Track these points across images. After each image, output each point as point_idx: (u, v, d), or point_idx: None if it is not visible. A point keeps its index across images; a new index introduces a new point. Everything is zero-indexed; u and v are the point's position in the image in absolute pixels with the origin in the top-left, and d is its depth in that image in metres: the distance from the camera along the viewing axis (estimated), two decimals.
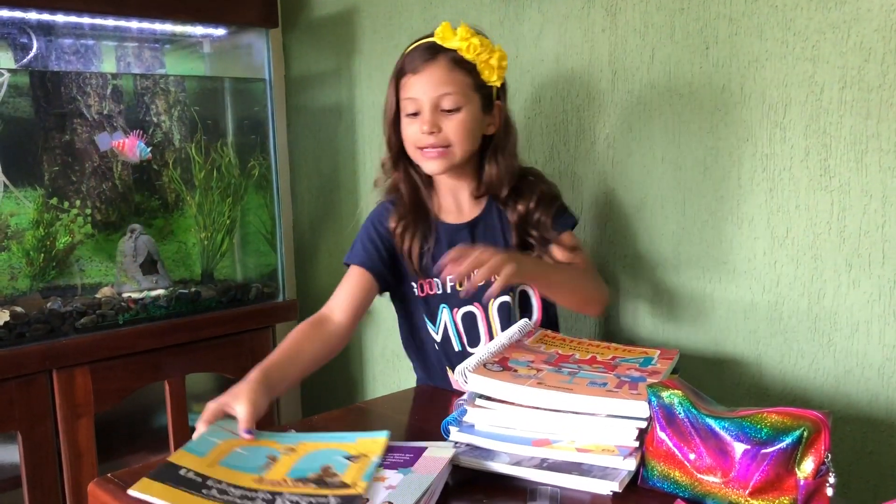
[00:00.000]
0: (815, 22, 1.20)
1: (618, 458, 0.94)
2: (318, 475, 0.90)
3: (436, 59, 1.23)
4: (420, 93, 1.23)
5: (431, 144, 1.24)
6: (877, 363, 1.19)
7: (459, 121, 1.24)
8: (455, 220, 1.34)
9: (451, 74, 1.22)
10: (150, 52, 2.00)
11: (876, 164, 1.16)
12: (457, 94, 1.22)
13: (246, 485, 0.88)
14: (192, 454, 0.93)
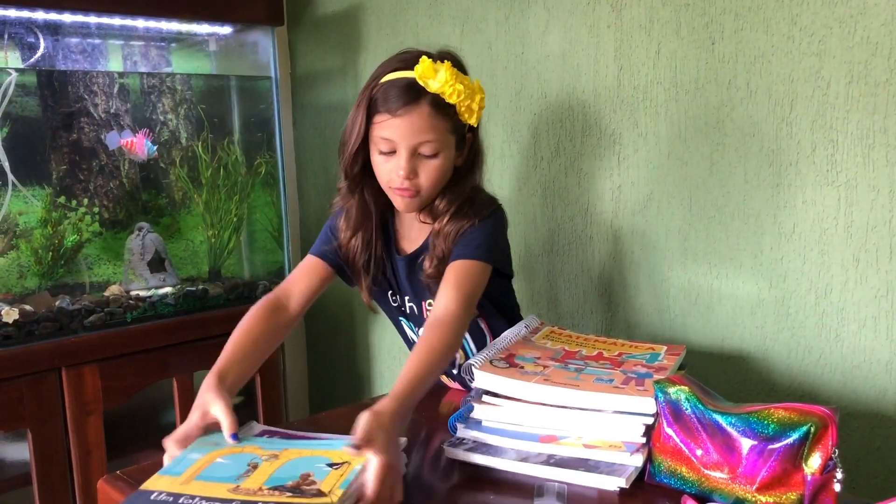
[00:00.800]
0: (821, 17, 1.19)
1: (625, 455, 0.94)
2: (296, 483, 0.87)
3: (417, 104, 1.15)
4: (398, 136, 1.16)
5: (405, 188, 1.19)
6: (884, 358, 1.19)
7: (435, 167, 1.19)
8: (408, 250, 1.30)
9: (432, 121, 1.16)
10: (157, 51, 2.00)
11: (883, 158, 1.15)
12: (436, 140, 1.17)
13: (220, 495, 0.84)
14: (167, 476, 0.89)
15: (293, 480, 0.87)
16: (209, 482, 0.88)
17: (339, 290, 1.52)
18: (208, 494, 0.85)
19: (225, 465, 0.93)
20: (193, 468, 0.92)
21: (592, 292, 1.56)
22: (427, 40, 1.83)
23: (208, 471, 0.91)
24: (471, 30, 1.73)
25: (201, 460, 0.94)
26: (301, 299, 1.29)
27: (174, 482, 0.88)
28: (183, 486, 0.87)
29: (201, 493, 0.85)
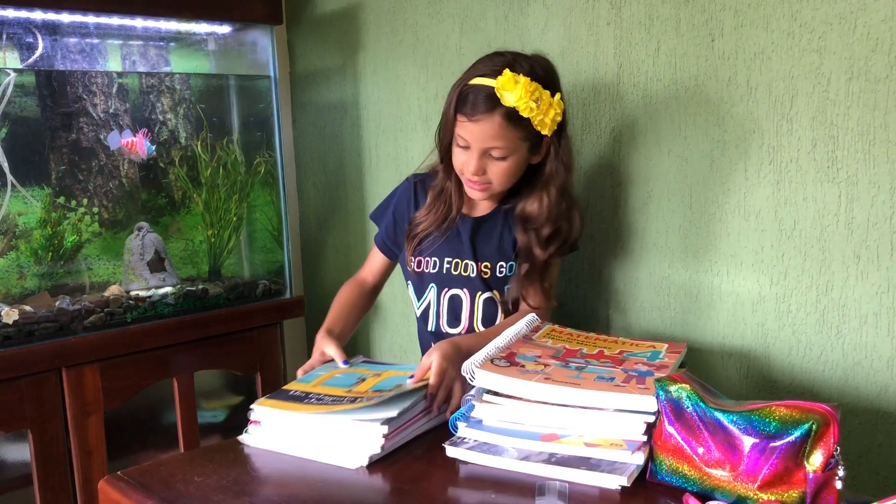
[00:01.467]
0: (821, 13, 1.19)
1: (626, 453, 0.94)
2: (392, 390, 1.13)
3: (491, 114, 1.25)
4: (471, 139, 1.28)
5: (474, 181, 1.32)
6: (886, 355, 1.19)
7: (504, 168, 1.30)
8: (477, 214, 1.41)
9: (504, 130, 1.26)
10: (156, 51, 2.00)
11: (884, 155, 1.15)
12: (505, 147, 1.27)
13: (338, 394, 1.13)
14: (300, 383, 1.20)
15: (389, 389, 1.13)
16: (331, 386, 1.17)
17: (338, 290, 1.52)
18: (330, 393, 1.13)
19: (341, 378, 1.21)
20: (319, 379, 1.21)
21: (593, 290, 1.56)
22: (426, 39, 1.83)
23: (329, 381, 1.20)
24: (470, 28, 1.73)
25: (323, 375, 1.23)
26: (374, 278, 1.54)
27: (305, 386, 1.18)
28: (312, 388, 1.17)
29: (325, 392, 1.14)
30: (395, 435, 1.06)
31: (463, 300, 1.40)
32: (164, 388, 1.81)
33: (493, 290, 1.38)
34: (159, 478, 1.02)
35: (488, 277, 1.38)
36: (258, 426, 1.12)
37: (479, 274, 1.38)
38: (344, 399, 1.10)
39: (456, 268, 1.40)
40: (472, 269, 1.38)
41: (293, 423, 1.09)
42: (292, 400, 1.12)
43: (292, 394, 1.14)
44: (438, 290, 1.41)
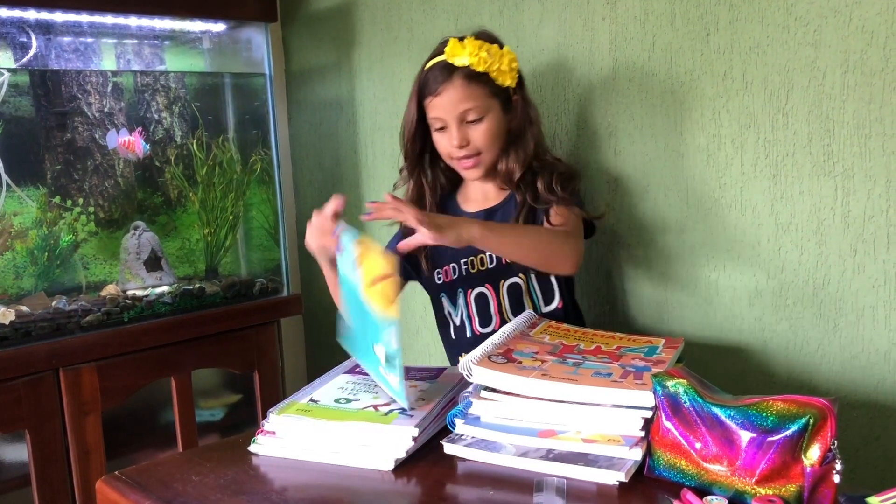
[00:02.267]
0: (816, 6, 1.19)
1: (623, 448, 0.94)
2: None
3: (451, 79, 1.29)
4: (443, 112, 1.31)
5: (464, 155, 1.33)
6: (883, 348, 1.19)
7: (484, 130, 1.31)
8: (474, 209, 1.41)
9: (468, 90, 1.29)
10: (150, 49, 2.00)
11: (880, 148, 1.15)
12: (477, 106, 1.30)
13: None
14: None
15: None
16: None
17: None
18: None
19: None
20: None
21: (590, 286, 1.56)
22: (421, 35, 1.83)
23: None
24: (465, 24, 1.72)
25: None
26: None
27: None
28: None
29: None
30: (420, 438, 1.05)
31: (488, 296, 1.38)
32: (161, 388, 1.81)
33: (520, 274, 1.36)
34: (157, 477, 1.02)
35: (509, 264, 1.35)
36: (272, 437, 1.08)
37: (503, 261, 1.36)
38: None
39: (473, 265, 1.38)
40: (491, 259, 1.36)
41: (316, 431, 1.06)
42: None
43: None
44: (465, 294, 1.40)
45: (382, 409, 1.09)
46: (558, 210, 1.32)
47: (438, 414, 1.10)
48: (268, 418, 1.09)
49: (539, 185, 1.33)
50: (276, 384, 1.99)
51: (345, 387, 1.19)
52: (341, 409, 1.09)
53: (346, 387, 1.19)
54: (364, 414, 1.07)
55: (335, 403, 1.12)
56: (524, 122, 1.35)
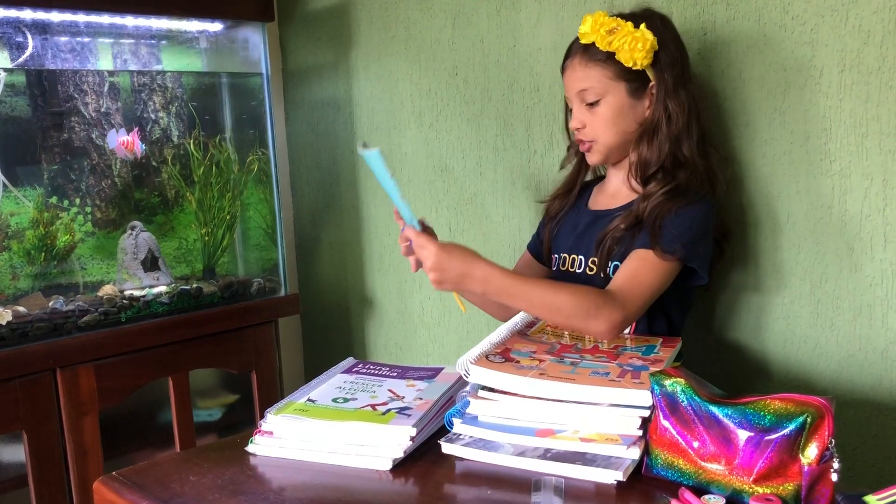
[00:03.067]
0: (813, 5, 1.19)
1: (621, 448, 0.94)
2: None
3: (572, 57, 1.25)
4: (567, 91, 1.27)
5: (580, 139, 1.27)
6: (880, 347, 1.19)
7: (600, 114, 1.23)
8: (596, 206, 1.33)
9: (585, 70, 1.22)
10: (147, 49, 1.99)
11: (876, 147, 1.15)
12: (593, 87, 1.22)
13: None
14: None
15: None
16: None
17: (334, 287, 1.52)
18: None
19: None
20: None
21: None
22: (419, 34, 1.83)
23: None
24: (462, 23, 1.72)
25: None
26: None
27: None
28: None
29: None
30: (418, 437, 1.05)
31: None
32: (159, 388, 1.81)
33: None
34: (155, 477, 1.02)
35: (592, 275, 1.25)
36: (270, 437, 1.08)
37: (585, 270, 1.28)
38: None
39: (564, 263, 1.32)
40: (580, 265, 1.29)
41: (314, 431, 1.06)
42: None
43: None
44: None
45: (380, 408, 1.09)
46: (636, 255, 1.16)
47: (436, 413, 1.10)
48: (265, 418, 1.09)
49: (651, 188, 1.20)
50: (274, 384, 1.99)
51: (342, 386, 1.19)
52: (339, 408, 1.09)
53: (343, 386, 1.19)
54: (362, 413, 1.07)
55: (333, 403, 1.12)
56: (658, 113, 1.21)
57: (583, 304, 1.11)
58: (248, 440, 1.09)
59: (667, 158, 1.21)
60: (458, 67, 1.75)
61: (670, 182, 1.19)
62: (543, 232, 1.41)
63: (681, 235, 1.15)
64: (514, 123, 1.66)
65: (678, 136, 1.21)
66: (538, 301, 1.13)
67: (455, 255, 1.12)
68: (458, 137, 1.79)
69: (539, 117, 1.60)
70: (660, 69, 1.21)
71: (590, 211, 1.33)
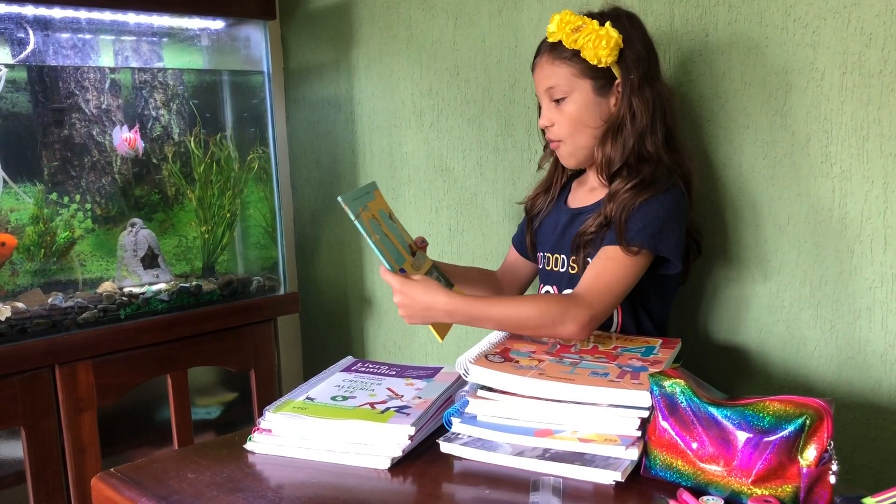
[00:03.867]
0: (815, 7, 1.19)
1: (620, 448, 0.94)
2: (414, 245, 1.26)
3: (540, 55, 1.26)
4: (537, 89, 1.28)
5: (549, 138, 1.29)
6: (879, 350, 1.19)
7: (565, 112, 1.24)
8: (575, 204, 1.34)
9: (552, 67, 1.23)
10: (148, 46, 1.99)
11: (877, 150, 1.15)
12: (559, 85, 1.23)
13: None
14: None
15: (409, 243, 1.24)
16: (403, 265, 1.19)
17: (333, 286, 1.52)
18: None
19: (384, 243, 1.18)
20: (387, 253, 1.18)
21: None
22: (420, 34, 1.83)
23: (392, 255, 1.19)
24: (464, 23, 1.72)
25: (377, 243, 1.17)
26: (501, 272, 1.49)
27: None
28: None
29: None
30: (417, 436, 1.05)
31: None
32: (157, 385, 1.81)
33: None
34: (152, 474, 1.02)
35: (575, 273, 1.26)
36: (268, 434, 1.08)
37: (567, 269, 1.29)
38: None
39: (549, 262, 1.34)
40: (563, 264, 1.30)
41: (313, 429, 1.06)
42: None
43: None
44: (541, 285, 1.37)
45: (379, 407, 1.09)
46: (602, 253, 1.18)
47: (435, 413, 1.10)
48: (264, 416, 1.09)
49: (615, 186, 1.20)
50: (273, 382, 1.99)
51: (341, 385, 1.19)
52: (338, 406, 1.09)
53: (342, 385, 1.19)
54: (360, 412, 1.07)
55: (332, 401, 1.12)
56: (622, 110, 1.21)
57: (547, 313, 1.12)
58: (247, 438, 1.09)
59: (630, 154, 1.21)
60: (459, 67, 1.75)
61: (635, 177, 1.20)
62: (526, 230, 1.42)
63: (646, 227, 1.16)
64: (515, 124, 1.66)
65: (642, 132, 1.21)
66: (503, 319, 1.15)
67: (416, 290, 1.14)
68: (459, 137, 1.79)
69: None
70: (625, 67, 1.21)
71: (568, 209, 1.34)
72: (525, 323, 1.13)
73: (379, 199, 1.23)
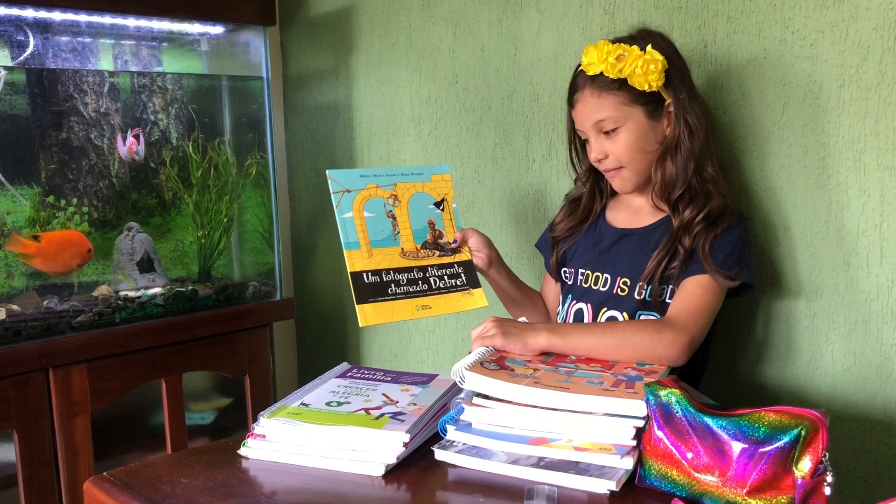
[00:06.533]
0: (813, 20, 1.20)
1: (615, 457, 0.94)
2: (433, 236, 1.30)
3: (582, 89, 1.23)
4: (580, 124, 1.26)
5: (605, 168, 1.26)
6: (875, 362, 1.19)
7: (621, 142, 1.22)
8: (619, 224, 1.32)
9: (599, 100, 1.21)
10: (148, 50, 1.99)
11: (874, 162, 1.15)
12: (611, 117, 1.21)
13: (400, 265, 1.26)
14: (353, 251, 1.24)
15: (430, 234, 1.30)
16: (382, 248, 1.26)
17: (329, 292, 1.51)
18: (394, 266, 1.26)
19: (375, 222, 1.27)
20: (360, 230, 1.25)
21: None
22: (420, 42, 1.83)
23: (371, 233, 1.26)
24: (463, 31, 1.73)
25: (355, 218, 1.26)
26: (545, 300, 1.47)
27: (363, 255, 1.24)
28: (370, 258, 1.24)
29: (389, 265, 1.25)
30: (411, 443, 1.04)
31: (584, 315, 1.30)
32: (152, 390, 1.80)
33: (624, 312, 1.25)
34: (145, 479, 1.02)
35: (624, 295, 1.25)
36: (262, 440, 1.07)
37: (615, 290, 1.26)
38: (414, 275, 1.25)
39: (587, 280, 1.31)
40: (606, 283, 1.28)
41: (307, 435, 1.05)
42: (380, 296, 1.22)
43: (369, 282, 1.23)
44: (569, 302, 1.34)
45: (374, 412, 1.08)
46: (691, 282, 1.18)
47: (430, 420, 1.10)
48: (258, 421, 1.08)
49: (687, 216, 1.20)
50: (267, 388, 1.98)
51: (336, 390, 1.18)
52: (332, 412, 1.09)
53: (337, 391, 1.18)
54: (355, 418, 1.07)
55: (326, 407, 1.11)
56: (679, 129, 1.21)
57: (648, 340, 1.13)
58: (241, 443, 1.08)
59: (692, 177, 1.21)
60: (458, 75, 1.76)
61: (702, 208, 1.20)
62: (551, 251, 1.40)
63: (730, 256, 1.18)
64: (514, 132, 1.66)
65: (701, 150, 1.21)
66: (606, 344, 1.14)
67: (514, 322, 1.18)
68: (457, 145, 1.79)
69: (538, 126, 1.61)
70: (673, 87, 1.21)
71: (612, 228, 1.32)
72: (635, 348, 1.13)
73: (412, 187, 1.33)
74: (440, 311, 1.27)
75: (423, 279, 1.27)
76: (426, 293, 1.27)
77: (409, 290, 1.25)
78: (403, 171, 1.34)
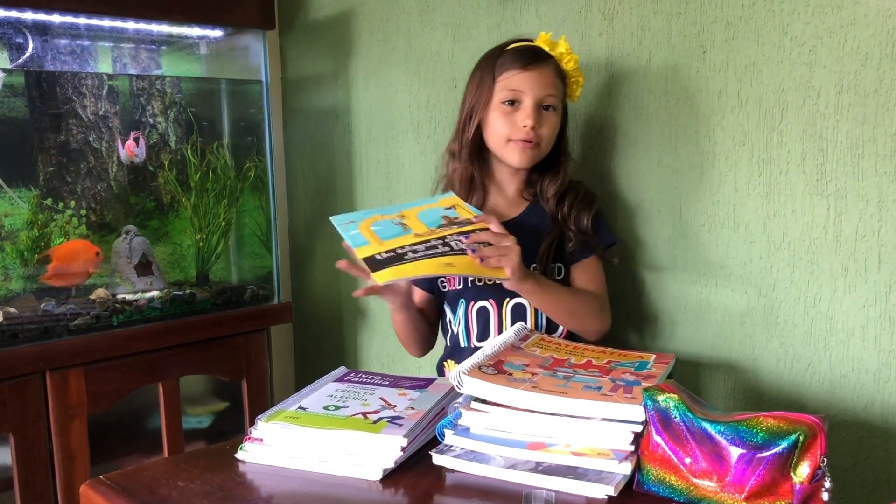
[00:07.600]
0: (811, 27, 1.20)
1: (613, 462, 0.94)
2: (448, 220, 1.24)
3: (546, 62, 1.31)
4: (527, 87, 1.29)
5: (526, 138, 1.29)
6: (872, 368, 1.19)
7: (553, 122, 1.32)
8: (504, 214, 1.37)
9: (555, 80, 1.32)
10: (147, 54, 1.99)
11: (872, 168, 1.16)
12: (555, 98, 1.31)
13: (415, 241, 1.17)
14: (363, 247, 1.17)
15: (442, 221, 1.24)
16: (394, 238, 1.18)
17: (327, 296, 1.51)
18: (408, 243, 1.17)
19: (385, 230, 1.21)
20: (370, 236, 1.19)
21: None
22: (419, 46, 1.83)
23: (381, 235, 1.19)
24: (462, 36, 1.73)
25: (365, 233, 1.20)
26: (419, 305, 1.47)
27: (376, 247, 1.17)
28: (382, 246, 1.16)
29: (402, 244, 1.16)
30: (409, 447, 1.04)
31: (489, 312, 1.34)
32: (149, 393, 1.80)
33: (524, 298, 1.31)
34: (142, 482, 1.01)
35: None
36: (259, 444, 1.07)
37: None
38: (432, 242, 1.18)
39: (480, 278, 1.33)
40: None
41: (304, 439, 1.05)
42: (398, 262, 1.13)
43: (383, 258, 1.14)
44: (466, 305, 1.36)
45: (371, 416, 1.08)
46: (587, 267, 1.36)
47: (428, 424, 1.10)
48: (256, 425, 1.08)
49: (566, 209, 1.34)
50: (265, 392, 1.98)
51: (334, 394, 1.18)
52: (330, 415, 1.09)
53: (335, 395, 1.18)
54: (353, 422, 1.06)
55: (324, 411, 1.11)
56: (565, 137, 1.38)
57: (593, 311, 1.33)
58: (238, 447, 1.08)
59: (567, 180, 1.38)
60: (457, 80, 1.76)
61: (569, 187, 1.36)
62: None
63: (606, 233, 1.38)
64: None
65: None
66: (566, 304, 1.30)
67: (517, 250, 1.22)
68: None
69: None
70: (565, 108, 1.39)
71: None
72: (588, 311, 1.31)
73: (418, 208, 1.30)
74: (464, 270, 1.17)
75: (444, 244, 1.18)
76: (448, 254, 1.17)
77: (428, 254, 1.16)
78: (408, 204, 1.31)
